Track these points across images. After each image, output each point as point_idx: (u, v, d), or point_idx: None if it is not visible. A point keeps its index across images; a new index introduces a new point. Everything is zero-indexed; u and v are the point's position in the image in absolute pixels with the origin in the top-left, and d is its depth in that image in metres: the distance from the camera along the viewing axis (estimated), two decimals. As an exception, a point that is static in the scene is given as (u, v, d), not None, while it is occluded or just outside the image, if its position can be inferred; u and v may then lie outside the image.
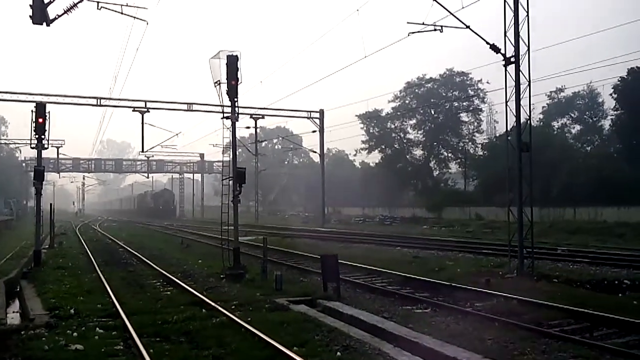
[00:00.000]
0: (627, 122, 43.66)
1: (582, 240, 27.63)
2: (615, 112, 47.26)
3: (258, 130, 53.63)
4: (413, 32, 18.64)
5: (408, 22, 18.33)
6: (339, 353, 8.29)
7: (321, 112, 50.11)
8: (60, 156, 69.19)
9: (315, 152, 54.49)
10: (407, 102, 65.76)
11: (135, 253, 24.33)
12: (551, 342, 8.97)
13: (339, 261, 14.36)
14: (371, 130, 68.74)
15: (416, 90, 64.87)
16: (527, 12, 16.32)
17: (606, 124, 53.97)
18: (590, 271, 16.15)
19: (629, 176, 39.52)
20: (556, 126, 56.56)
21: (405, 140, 67.78)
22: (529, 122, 16.98)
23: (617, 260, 17.99)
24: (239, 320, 10.28)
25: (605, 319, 10.18)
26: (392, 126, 68.26)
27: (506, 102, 16.70)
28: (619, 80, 43.18)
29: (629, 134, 43.80)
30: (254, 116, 49.07)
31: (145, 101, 42.25)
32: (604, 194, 36.22)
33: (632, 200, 35.35)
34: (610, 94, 46.10)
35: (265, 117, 50.44)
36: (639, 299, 12.13)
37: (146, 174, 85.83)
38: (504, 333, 9.46)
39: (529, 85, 16.51)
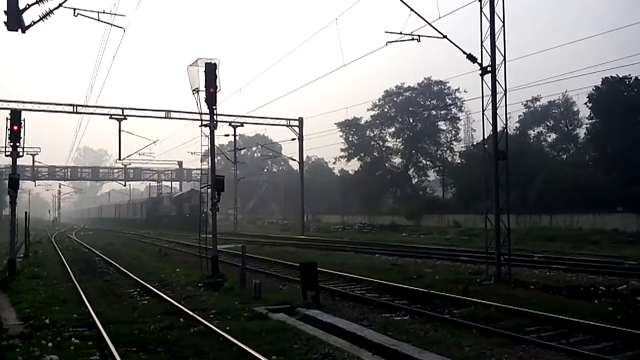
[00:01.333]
0: (602, 130, 44.36)
1: (559, 247, 27.97)
2: (590, 121, 47.98)
3: (237, 138, 53.56)
4: (391, 42, 18.81)
5: (386, 32, 18.49)
6: (317, 361, 8.27)
7: (300, 120, 50.13)
8: (36, 164, 68.40)
9: (294, 160, 54.50)
10: (385, 110, 66.15)
11: (112, 262, 24.04)
12: (528, 348, 9.06)
13: (318, 269, 14.36)
14: (350, 138, 69.04)
15: (395, 99, 65.31)
16: (503, 22, 16.57)
17: (581, 132, 54.82)
18: (567, 278, 16.34)
19: (603, 184, 40.12)
20: (532, 135, 57.34)
21: (384, 149, 68.12)
22: (505, 130, 17.20)
23: (593, 267, 18.23)
24: (217, 329, 10.20)
25: (581, 325, 10.31)
26: (371, 134, 68.60)
27: (483, 111, 16.89)
28: (593, 90, 43.87)
29: (604, 142, 44.50)
30: (232, 124, 48.93)
31: (123, 108, 41.91)
32: (579, 202, 36.73)
33: (606, 207, 35.92)
34: (585, 103, 46.80)
35: (244, 124, 50.34)
36: (615, 305, 12.27)
37: (123, 182, 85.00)
38: (482, 340, 9.53)
39: (505, 94, 16.74)
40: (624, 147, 40.87)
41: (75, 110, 41.67)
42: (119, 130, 41.01)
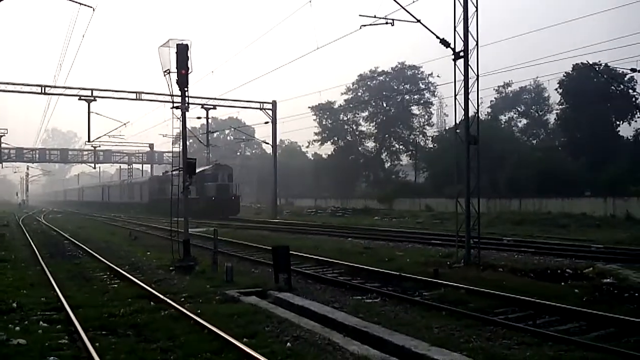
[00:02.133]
0: (571, 116, 45.11)
1: (527, 230, 28.43)
2: (560, 107, 48.78)
3: (209, 120, 52.95)
4: (365, 25, 18.76)
5: (360, 15, 18.43)
6: (289, 344, 8.30)
7: (274, 103, 49.85)
8: (3, 145, 66.72)
9: (267, 143, 54.29)
10: (359, 94, 66.23)
11: (82, 245, 23.71)
12: (496, 329, 9.21)
13: (291, 252, 14.38)
14: (324, 122, 69.03)
15: (368, 83, 65.40)
16: (477, 7, 16.60)
17: (551, 118, 55.78)
18: (535, 261, 16.62)
19: (572, 169, 40.89)
20: (503, 120, 58.13)
21: (357, 132, 68.31)
22: (477, 115, 17.32)
23: (560, 250, 18.57)
24: (188, 313, 10.16)
25: (548, 306, 10.51)
26: (345, 118, 68.70)
27: (455, 95, 16.99)
28: (564, 76, 44.53)
29: (573, 127, 45.28)
30: (205, 106, 48.41)
31: (92, 89, 41.14)
32: (548, 186, 37.37)
33: (575, 192, 36.63)
34: (556, 89, 47.56)
35: (217, 107, 49.84)
36: (580, 288, 12.55)
37: (93, 165, 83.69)
38: (451, 321, 9.67)
39: (477, 79, 16.82)
40: (593, 132, 41.65)
41: (43, 91, 40.75)
42: (89, 112, 40.33)
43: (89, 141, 43.97)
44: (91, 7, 17.33)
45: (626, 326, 9.15)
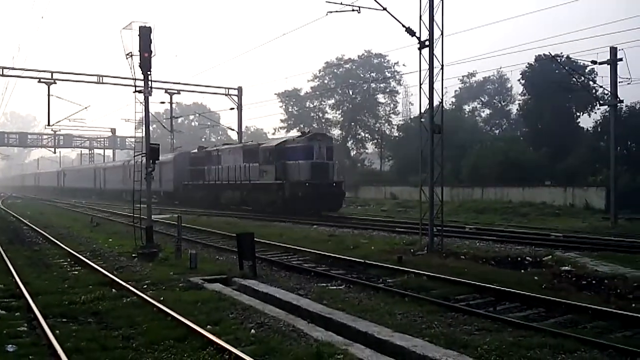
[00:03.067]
0: (533, 107, 45.84)
1: (489, 219, 28.98)
2: (523, 97, 49.51)
3: (174, 105, 52.24)
4: (331, 12, 18.69)
5: (327, 1, 18.34)
6: (253, 330, 8.30)
7: (239, 89, 49.32)
8: (-42, 128, 64.73)
9: (233, 129, 53.59)
10: (325, 82, 66.09)
11: (41, 231, 23.21)
12: (457, 315, 9.38)
13: (256, 240, 14.36)
14: (290, 109, 68.72)
15: (335, 70, 65.29)
16: (442, -3, 16.69)
17: (514, 108, 56.61)
18: (496, 248, 16.93)
19: (533, 159, 41.64)
20: (467, 109, 58.78)
21: (323, 120, 68.21)
22: (441, 105, 17.49)
23: (521, 238, 18.94)
24: (150, 300, 10.07)
25: (508, 293, 10.75)
26: (311, 105, 68.51)
27: (420, 84, 17.11)
28: (526, 67, 45.18)
29: (534, 118, 46.05)
30: (169, 91, 47.58)
31: (52, 72, 40.03)
32: (510, 175, 37.99)
33: (536, 181, 37.36)
34: (518, 80, 48.19)
35: (182, 92, 49.06)
36: (539, 275, 12.86)
37: (53, 149, 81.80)
38: (414, 308, 9.80)
39: (442, 69, 16.97)
40: (554, 123, 42.44)
41: (1, 73, 39.53)
42: (48, 95, 39.24)
43: (48, 125, 42.86)
44: (51, -14, 16.84)
45: (583, 312, 9.41)
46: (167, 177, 44.40)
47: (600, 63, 27.42)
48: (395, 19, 17.47)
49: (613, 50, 26.87)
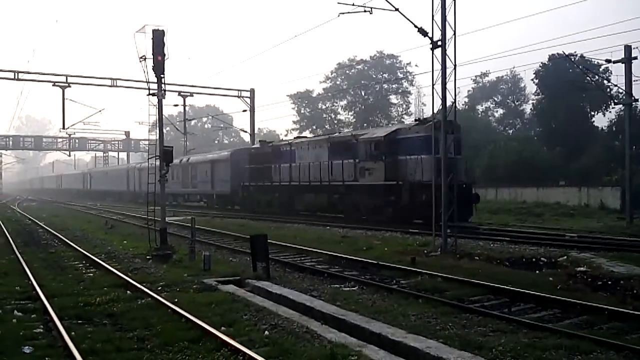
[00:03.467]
0: (547, 106, 45.60)
1: (503, 219, 28.77)
2: (536, 97, 49.28)
3: (187, 108, 52.56)
4: (343, 13, 18.69)
5: (339, 2, 18.34)
6: (267, 332, 8.31)
7: (252, 91, 49.59)
8: (-25, 132, 65.52)
9: (245, 131, 53.97)
10: (338, 83, 66.17)
11: (57, 234, 23.42)
12: (472, 317, 9.32)
13: (269, 241, 14.37)
14: (302, 111, 68.91)
15: (347, 72, 65.34)
16: (455, -4, 16.61)
17: (527, 108, 56.34)
18: (510, 249, 16.81)
19: (547, 158, 41.39)
20: (480, 109, 58.54)
21: (335, 121, 68.29)
22: (454, 105, 17.41)
23: (535, 239, 18.81)
24: (165, 301, 10.10)
25: (522, 294, 10.66)
26: (323, 107, 68.64)
27: (433, 85, 17.03)
28: (540, 66, 44.93)
29: (548, 118, 45.78)
30: (182, 94, 48.00)
31: (67, 75, 40.56)
32: (524, 176, 37.79)
33: (549, 181, 37.12)
34: (532, 79, 47.96)
35: (195, 95, 49.49)
36: (554, 276, 12.75)
37: (68, 152, 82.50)
38: (428, 309, 9.75)
39: (455, 69, 16.89)
40: (568, 123, 42.17)
41: (16, 77, 40.03)
42: (63, 99, 39.81)
43: (63, 128, 43.39)
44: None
45: (599, 313, 9.32)
46: (223, 177, 39.08)
47: (615, 62, 27.20)
48: (408, 19, 17.44)
49: (627, 49, 26.64)
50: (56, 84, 39.96)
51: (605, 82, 36.80)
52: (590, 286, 11.81)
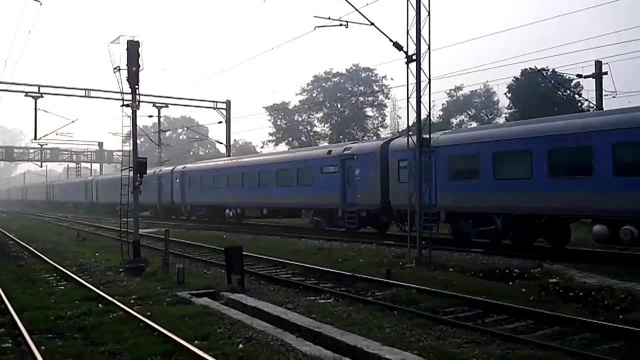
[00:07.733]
0: (519, 120, 46.22)
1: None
2: (509, 111, 49.93)
3: (162, 119, 52.17)
4: (320, 26, 18.84)
5: (315, 16, 18.47)
6: (241, 345, 8.25)
7: (228, 102, 49.38)
8: (-57, 142, 64.14)
9: (221, 143, 53.57)
10: (314, 95, 66.33)
11: (27, 246, 23.00)
12: (446, 328, 9.37)
13: (245, 253, 14.30)
14: (278, 122, 68.84)
15: (323, 84, 65.58)
16: (429, 11, 16.81)
17: (500, 121, 56.97)
18: (484, 261, 16.92)
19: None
20: (454, 123, 59.14)
21: (312, 133, 68.35)
22: (428, 118, 17.57)
23: (508, 251, 18.97)
24: (137, 315, 9.97)
25: (496, 305, 10.77)
26: (299, 119, 68.69)
27: (407, 98, 17.19)
28: (512, 80, 45.60)
29: (521, 131, 46.38)
30: (157, 105, 47.61)
31: (39, 85, 39.96)
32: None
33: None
34: (505, 93, 48.64)
35: (169, 106, 49.09)
36: (527, 287, 12.87)
37: (39, 163, 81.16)
38: (403, 321, 9.79)
39: (429, 82, 17.05)
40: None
41: (-14, 87, 39.35)
42: (35, 109, 39.23)
43: (35, 139, 42.71)
44: (38, 1, 16.80)
45: (571, 324, 9.43)
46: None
47: (586, 77, 27.80)
48: (383, 33, 17.60)
49: (598, 64, 27.22)
50: (28, 94, 39.38)
51: (576, 96, 37.51)
52: (562, 297, 11.94)
